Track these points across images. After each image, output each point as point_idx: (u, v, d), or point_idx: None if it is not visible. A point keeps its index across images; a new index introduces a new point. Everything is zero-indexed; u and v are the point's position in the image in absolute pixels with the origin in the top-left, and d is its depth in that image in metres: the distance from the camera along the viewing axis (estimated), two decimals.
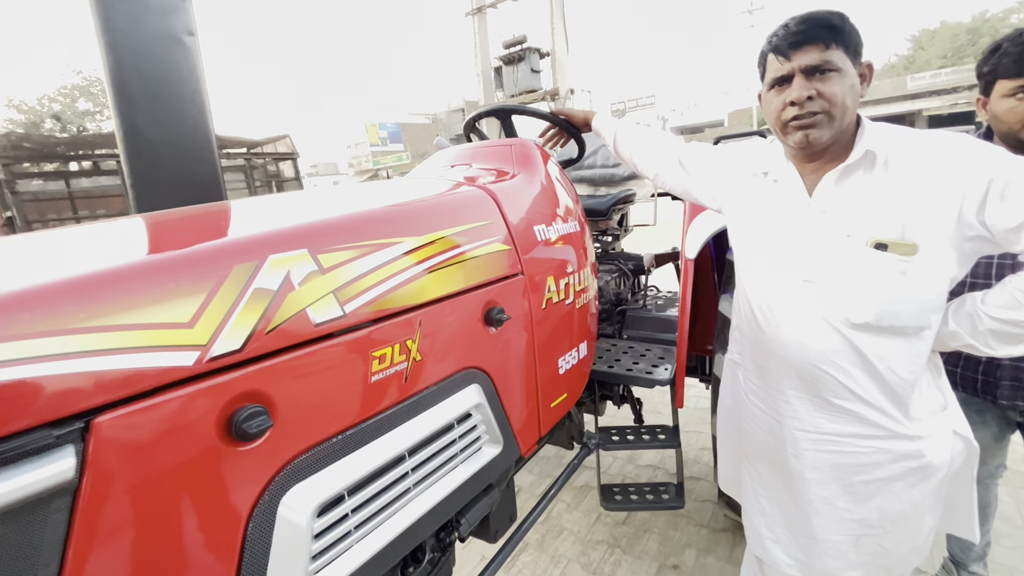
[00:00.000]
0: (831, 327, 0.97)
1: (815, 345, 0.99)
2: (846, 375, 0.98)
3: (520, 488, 2.57)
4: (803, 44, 0.90)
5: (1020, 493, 2.16)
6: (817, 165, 0.99)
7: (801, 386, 1.04)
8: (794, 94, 0.91)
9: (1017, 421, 1.38)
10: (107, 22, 1.15)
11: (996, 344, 0.93)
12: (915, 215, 0.88)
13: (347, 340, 0.77)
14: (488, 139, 1.85)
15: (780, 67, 0.93)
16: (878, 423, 0.98)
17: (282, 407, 0.69)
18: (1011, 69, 1.15)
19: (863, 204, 0.93)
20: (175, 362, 0.58)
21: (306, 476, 0.72)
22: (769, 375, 1.10)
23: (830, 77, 0.90)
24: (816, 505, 1.07)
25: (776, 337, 1.05)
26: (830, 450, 1.03)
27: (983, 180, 0.83)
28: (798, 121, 0.93)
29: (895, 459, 0.99)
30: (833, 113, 0.91)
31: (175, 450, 0.59)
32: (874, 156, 0.92)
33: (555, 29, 9.31)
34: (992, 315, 0.91)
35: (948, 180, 0.86)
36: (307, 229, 0.79)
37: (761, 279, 1.09)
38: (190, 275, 0.63)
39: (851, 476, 1.03)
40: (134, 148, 1.19)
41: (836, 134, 0.93)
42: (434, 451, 0.94)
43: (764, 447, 1.16)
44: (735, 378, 1.27)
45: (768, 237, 1.07)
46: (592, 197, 2.44)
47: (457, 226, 1.02)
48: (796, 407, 1.06)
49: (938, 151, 0.89)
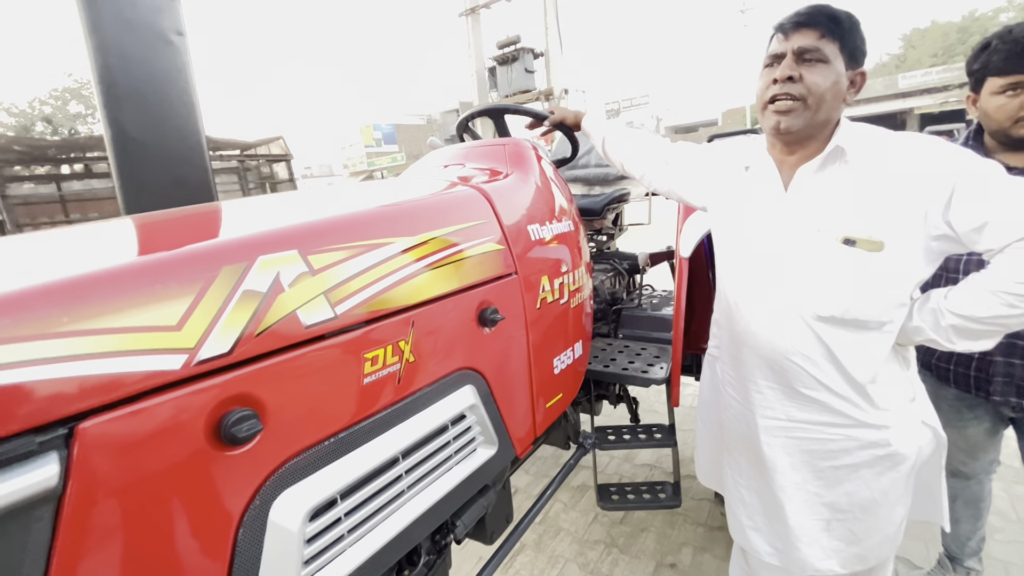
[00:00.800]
0: (800, 319, 1.00)
1: (784, 336, 1.02)
2: (814, 365, 1.01)
3: (517, 488, 2.56)
4: (803, 26, 0.93)
5: (1014, 488, 2.17)
6: (795, 160, 1.02)
7: (772, 376, 1.08)
8: (780, 71, 0.94)
9: (1010, 416, 1.38)
10: (94, 22, 1.14)
11: (957, 339, 0.94)
12: (883, 213, 0.90)
13: (339, 342, 0.76)
14: (481, 139, 1.84)
15: (778, 45, 0.96)
16: (844, 412, 1.01)
17: (272, 410, 0.68)
18: (1000, 67, 1.15)
19: (834, 200, 0.96)
20: (162, 366, 0.57)
21: (298, 480, 0.71)
22: (743, 366, 1.14)
23: (816, 66, 0.92)
24: (789, 491, 1.10)
25: (749, 328, 1.09)
26: (800, 437, 1.07)
27: (948, 181, 0.85)
28: (776, 103, 0.96)
29: (862, 447, 1.02)
30: (809, 102, 0.93)
31: (162, 455, 0.58)
32: (843, 152, 0.95)
33: (548, 29, 9.31)
34: (955, 311, 0.92)
35: (915, 180, 0.88)
36: (298, 230, 0.78)
37: (736, 271, 1.12)
38: (178, 277, 0.62)
39: (821, 462, 1.06)
40: (123, 149, 1.17)
41: (808, 125, 0.95)
42: (428, 453, 0.93)
43: (741, 437, 1.19)
44: (714, 371, 1.30)
45: (744, 230, 1.10)
46: (586, 196, 2.44)
47: (450, 226, 1.01)
48: (768, 396, 1.09)
49: (907, 152, 0.91)
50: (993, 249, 0.85)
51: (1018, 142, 1.19)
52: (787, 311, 1.01)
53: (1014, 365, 1.25)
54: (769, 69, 0.98)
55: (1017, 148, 1.21)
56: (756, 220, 1.07)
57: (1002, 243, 0.83)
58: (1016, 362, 1.25)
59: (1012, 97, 1.16)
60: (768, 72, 0.98)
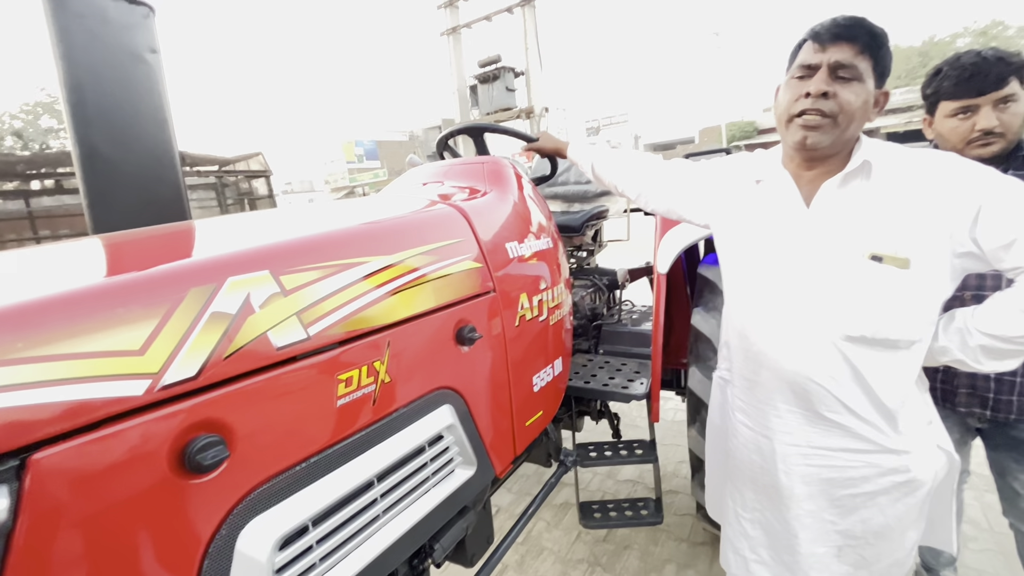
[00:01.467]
0: (826, 339, 0.95)
1: (809, 357, 0.97)
2: (840, 388, 0.96)
3: (499, 508, 2.52)
4: (843, 39, 0.88)
5: (985, 497, 2.22)
6: (814, 174, 0.98)
7: (794, 400, 1.02)
8: (814, 86, 0.90)
9: (976, 427, 1.42)
10: (63, 38, 1.12)
11: (985, 359, 0.93)
12: (909, 229, 0.89)
13: (311, 363, 0.75)
14: (461, 156, 1.85)
15: (813, 55, 0.91)
16: (868, 437, 0.98)
17: (241, 436, 0.66)
18: (951, 91, 1.21)
19: (860, 215, 0.93)
20: (123, 392, 0.55)
21: (267, 508, 0.69)
22: (760, 389, 1.08)
23: (851, 84, 0.89)
24: (804, 520, 1.05)
25: (769, 349, 1.03)
26: (820, 464, 1.02)
27: (975, 199, 0.84)
28: (804, 118, 0.92)
29: (882, 473, 0.99)
30: (839, 120, 0.90)
31: (122, 486, 0.56)
32: (870, 167, 0.92)
33: (529, 49, 9.47)
34: (983, 330, 0.91)
35: (941, 197, 0.87)
36: (270, 250, 0.77)
37: (754, 290, 1.07)
38: (142, 300, 0.60)
39: (838, 490, 1.02)
40: (91, 168, 1.15)
41: (835, 143, 0.92)
42: (404, 475, 0.91)
43: (749, 466, 1.14)
44: (724, 396, 1.24)
45: (761, 247, 1.05)
46: (566, 213, 2.46)
47: (427, 244, 1.01)
48: (788, 421, 1.04)
49: (932, 168, 0.90)
50: (1020, 267, 0.84)
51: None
52: (812, 331, 0.97)
53: (976, 377, 1.29)
54: (799, 81, 0.93)
55: None
56: (775, 236, 1.02)
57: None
58: (978, 373, 1.28)
59: (963, 120, 1.21)
60: (798, 84, 0.93)
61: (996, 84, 1.16)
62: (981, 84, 1.17)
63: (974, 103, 1.19)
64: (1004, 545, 1.92)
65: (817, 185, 0.98)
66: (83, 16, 1.13)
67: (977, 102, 1.19)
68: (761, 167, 1.08)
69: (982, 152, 1.21)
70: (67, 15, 1.11)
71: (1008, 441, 1.34)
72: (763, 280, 1.05)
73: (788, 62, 0.99)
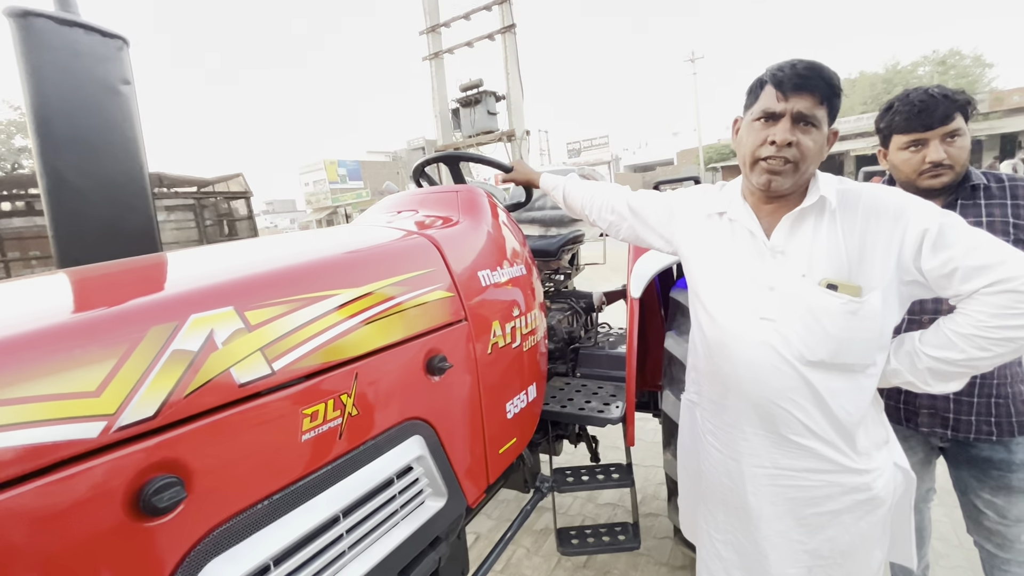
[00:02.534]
0: (787, 364, 1.00)
1: (772, 382, 1.02)
2: (802, 411, 1.01)
3: (478, 535, 2.48)
4: (804, 90, 0.93)
5: (955, 513, 2.24)
6: (774, 208, 1.04)
7: (759, 423, 1.07)
8: (779, 136, 0.95)
9: (939, 447, 1.46)
10: (33, 71, 1.12)
11: (932, 381, 0.98)
12: (860, 259, 0.95)
13: (275, 399, 0.74)
14: (437, 184, 1.88)
15: (775, 104, 0.95)
16: (830, 458, 1.02)
17: (200, 475, 0.65)
18: (902, 126, 1.28)
19: (816, 246, 0.99)
20: (77, 435, 0.55)
21: (226, 548, 0.68)
22: (727, 413, 1.12)
23: (810, 131, 0.95)
24: (773, 540, 1.09)
25: (734, 374, 1.08)
26: (785, 484, 1.06)
27: (919, 231, 0.91)
28: (768, 163, 0.97)
29: (845, 492, 1.03)
30: (800, 166, 0.96)
31: (76, 530, 0.55)
32: (826, 202, 0.98)
33: (510, 75, 9.66)
34: (929, 354, 0.96)
35: (889, 230, 0.93)
36: (235, 285, 0.77)
37: (719, 317, 1.11)
38: (100, 339, 0.60)
39: (804, 509, 1.06)
40: (59, 200, 1.14)
41: (794, 184, 0.99)
42: (372, 509, 0.90)
43: (720, 488, 1.17)
44: (693, 418, 1.27)
45: (725, 276, 1.10)
46: (543, 238, 2.49)
47: (396, 275, 1.02)
48: (754, 444, 1.08)
49: (880, 203, 0.96)
50: (961, 295, 0.90)
51: (924, 192, 1.31)
52: (775, 357, 1.01)
53: (936, 398, 1.33)
54: (763, 125, 0.98)
55: (925, 197, 1.32)
56: (738, 266, 1.08)
57: (969, 289, 0.88)
58: (937, 394, 1.33)
59: (914, 152, 1.28)
60: (762, 128, 0.98)
61: (942, 120, 1.23)
62: (928, 120, 1.24)
63: (923, 137, 1.26)
64: (974, 562, 1.95)
65: (777, 218, 1.03)
66: (55, 49, 1.13)
67: (926, 136, 1.26)
68: (723, 199, 1.14)
69: (933, 183, 1.28)
70: (37, 48, 1.11)
71: (969, 460, 1.38)
72: (727, 307, 1.09)
73: (747, 96, 1.04)
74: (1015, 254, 0.87)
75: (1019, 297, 0.85)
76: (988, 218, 1.26)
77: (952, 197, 1.31)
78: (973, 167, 1.33)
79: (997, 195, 1.26)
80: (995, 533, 1.38)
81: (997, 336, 0.88)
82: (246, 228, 11.10)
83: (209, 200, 10.38)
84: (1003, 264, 0.86)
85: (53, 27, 1.13)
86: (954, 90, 1.26)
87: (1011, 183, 1.26)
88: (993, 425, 1.29)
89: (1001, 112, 21.72)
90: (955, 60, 24.16)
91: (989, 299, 0.87)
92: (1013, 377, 1.28)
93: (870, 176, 15.02)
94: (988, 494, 1.35)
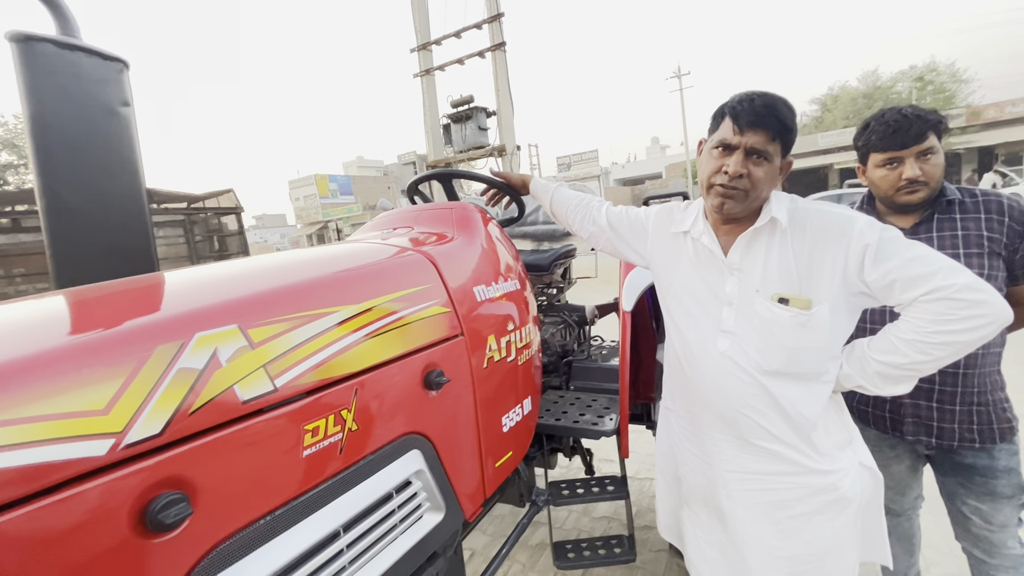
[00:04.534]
0: (746, 372, 1.07)
1: (733, 390, 1.09)
2: (762, 416, 1.08)
3: (474, 551, 2.47)
4: (758, 126, 1.00)
5: (944, 521, 2.28)
6: (731, 227, 1.12)
7: (726, 429, 1.13)
8: (731, 168, 1.02)
9: (925, 454, 1.49)
10: (34, 92, 1.13)
11: (882, 383, 1.04)
12: (809, 274, 1.02)
13: (278, 415, 0.76)
14: (431, 201, 1.91)
15: (731, 136, 1.02)
16: (794, 460, 1.08)
17: (204, 491, 0.66)
18: (878, 144, 1.33)
19: (768, 263, 1.06)
20: (86, 452, 0.56)
21: (229, 564, 0.68)
22: (698, 420, 1.19)
23: (761, 164, 1.02)
24: (750, 543, 1.14)
25: (700, 383, 1.15)
26: (757, 488, 1.12)
27: (861, 246, 0.97)
28: (722, 189, 1.05)
29: (812, 493, 1.08)
30: (751, 194, 1.03)
31: (83, 548, 0.55)
32: (776, 222, 1.06)
33: (500, 91, 9.80)
34: (876, 359, 1.02)
35: (835, 245, 1.00)
36: (238, 303, 0.79)
37: (685, 330, 1.18)
38: (107, 359, 0.61)
39: (777, 512, 1.11)
40: (58, 220, 1.15)
41: (745, 208, 1.06)
42: (371, 524, 0.91)
43: (700, 490, 1.22)
44: (669, 424, 1.34)
45: (689, 291, 1.18)
46: (535, 252, 2.53)
47: (394, 292, 1.04)
48: (724, 449, 1.15)
49: (827, 220, 1.03)
50: (903, 303, 0.97)
51: (902, 207, 1.36)
52: (735, 367, 1.08)
53: (920, 406, 1.37)
54: (719, 153, 1.05)
55: (903, 212, 1.38)
56: (700, 282, 1.15)
57: (910, 298, 0.95)
58: (922, 403, 1.37)
59: (891, 170, 1.33)
60: (719, 157, 1.05)
61: (916, 139, 1.29)
62: (903, 138, 1.30)
63: (898, 155, 1.32)
64: (963, 569, 1.97)
65: (733, 237, 1.11)
66: (56, 72, 1.15)
67: (901, 154, 1.31)
68: (688, 218, 1.21)
69: (910, 199, 1.33)
70: (38, 71, 1.13)
71: (954, 467, 1.41)
72: (692, 320, 1.17)
73: (711, 122, 1.11)
74: (948, 264, 0.94)
75: (953, 304, 0.91)
76: (963, 232, 1.31)
77: (928, 212, 1.37)
78: (949, 182, 1.39)
79: (971, 209, 1.32)
80: (982, 539, 1.41)
81: (935, 340, 0.94)
82: (236, 244, 11.04)
83: (199, 216, 10.32)
84: (937, 273, 0.92)
85: (54, 51, 1.15)
86: (927, 110, 1.32)
87: (984, 198, 1.32)
88: (975, 432, 1.33)
89: (978, 126, 22.40)
90: (932, 76, 24.87)
91: (927, 306, 0.93)
92: (993, 385, 1.33)
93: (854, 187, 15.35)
94: (974, 500, 1.39)
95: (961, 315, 0.91)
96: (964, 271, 0.93)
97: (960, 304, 0.90)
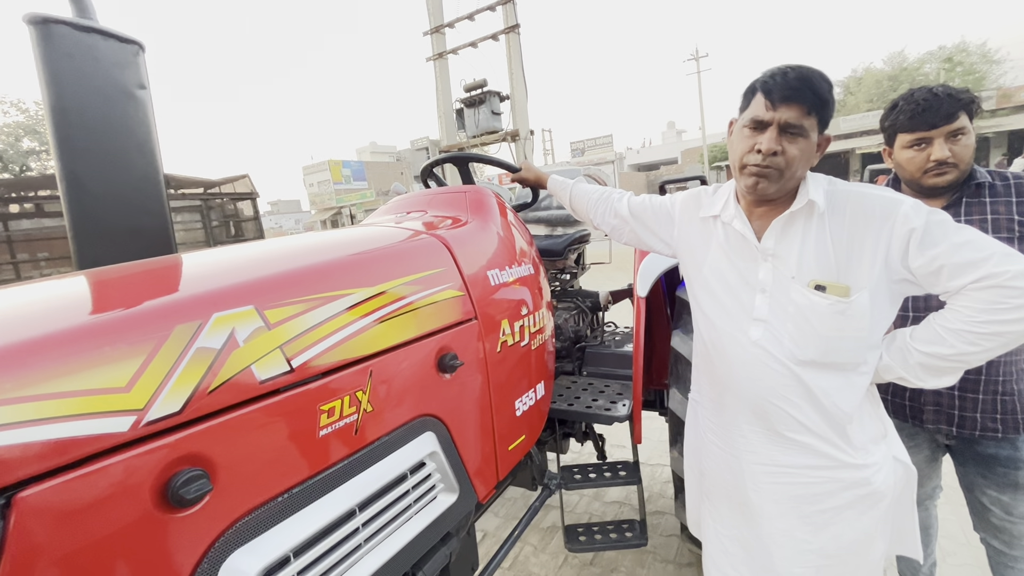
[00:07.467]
0: (780, 363, 1.03)
1: (765, 380, 1.05)
2: (795, 408, 1.03)
3: (485, 533, 2.51)
4: (792, 100, 0.94)
5: (962, 511, 2.24)
6: (765, 211, 1.06)
7: (755, 420, 1.09)
8: (764, 145, 0.96)
9: (945, 444, 1.47)
10: (52, 77, 1.14)
11: (925, 376, 0.99)
12: (848, 260, 0.97)
13: (294, 395, 0.77)
14: (446, 185, 1.90)
15: (764, 112, 0.97)
16: (827, 453, 1.04)
17: (223, 468, 0.67)
18: (906, 125, 1.29)
19: (805, 249, 1.01)
20: (109, 428, 0.57)
21: (249, 539, 0.70)
22: (726, 411, 1.15)
23: (797, 140, 0.96)
24: (777, 538, 1.10)
25: (730, 373, 1.10)
26: (786, 482, 1.08)
27: (906, 230, 0.92)
28: (755, 168, 0.99)
29: (845, 487, 1.04)
30: (785, 173, 0.98)
31: (105, 522, 0.57)
32: (814, 205, 1.00)
33: (514, 75, 9.67)
34: (920, 349, 0.98)
35: (876, 230, 0.95)
36: (254, 284, 0.79)
37: (715, 318, 1.14)
38: (128, 338, 0.62)
39: (806, 507, 1.07)
40: (78, 202, 1.16)
41: (780, 189, 1.01)
42: (386, 504, 0.92)
43: (724, 485, 1.19)
44: (696, 417, 1.30)
45: (719, 278, 1.13)
46: (549, 237, 2.51)
47: (409, 275, 1.04)
48: (752, 441, 1.11)
49: (868, 203, 0.98)
50: (950, 291, 0.91)
51: (929, 189, 1.32)
52: (767, 356, 1.04)
53: (941, 395, 1.34)
54: (751, 133, 1.00)
55: (930, 195, 1.34)
56: (732, 269, 1.10)
57: (957, 286, 0.90)
58: (943, 391, 1.34)
59: (919, 151, 1.29)
60: (750, 136, 1.00)
61: (947, 119, 1.24)
62: (933, 118, 1.25)
63: (927, 135, 1.27)
64: (981, 559, 1.95)
65: (767, 221, 1.05)
66: (72, 55, 1.16)
67: (930, 135, 1.26)
68: (717, 202, 1.16)
69: (938, 181, 1.29)
70: (56, 54, 1.14)
71: (974, 457, 1.38)
72: (722, 309, 1.12)
73: (742, 99, 1.06)
74: (1001, 249, 0.89)
75: (1006, 292, 0.86)
76: (993, 216, 1.26)
77: (957, 195, 1.32)
78: (979, 165, 1.34)
79: (1002, 193, 1.27)
80: (1001, 530, 1.39)
81: (985, 331, 0.89)
82: (252, 229, 11.18)
83: (215, 201, 10.45)
84: (989, 260, 0.87)
85: (71, 33, 1.16)
86: (958, 89, 1.27)
87: (1016, 181, 1.27)
88: (999, 422, 1.30)
89: (1009, 109, 21.55)
90: (961, 57, 23.95)
91: (976, 295, 0.89)
92: (1019, 374, 1.29)
93: (876, 174, 14.92)
94: (994, 491, 1.36)
95: (1014, 304, 0.86)
96: (1019, 257, 0.87)
97: (1014, 292, 0.85)
